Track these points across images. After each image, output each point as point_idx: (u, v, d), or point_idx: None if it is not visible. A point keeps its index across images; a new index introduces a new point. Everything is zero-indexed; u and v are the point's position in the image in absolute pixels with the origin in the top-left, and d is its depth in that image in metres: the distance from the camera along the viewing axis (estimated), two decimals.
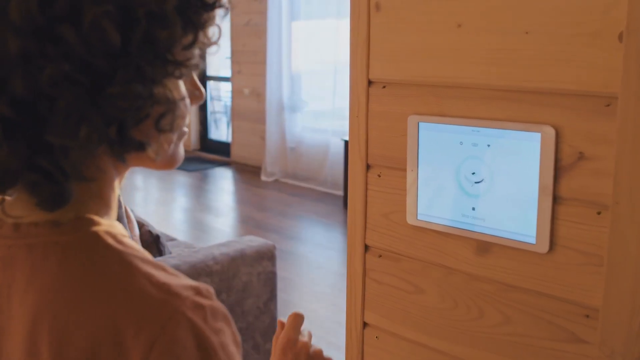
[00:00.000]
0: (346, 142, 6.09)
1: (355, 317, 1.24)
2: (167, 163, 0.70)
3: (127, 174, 0.72)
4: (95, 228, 0.63)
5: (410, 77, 1.08)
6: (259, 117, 7.56)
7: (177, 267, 2.87)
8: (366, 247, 1.21)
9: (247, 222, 5.72)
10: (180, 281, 0.61)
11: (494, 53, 0.98)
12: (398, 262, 1.16)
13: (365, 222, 1.20)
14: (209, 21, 0.64)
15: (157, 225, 5.48)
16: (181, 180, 7.36)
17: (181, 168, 7.81)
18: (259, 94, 7.56)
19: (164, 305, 0.58)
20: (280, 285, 3.91)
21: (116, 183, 0.69)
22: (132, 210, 3.28)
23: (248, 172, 7.61)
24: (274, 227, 5.54)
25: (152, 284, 0.60)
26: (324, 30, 6.94)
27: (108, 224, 0.65)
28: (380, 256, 1.19)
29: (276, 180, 7.21)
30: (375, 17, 1.12)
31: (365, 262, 1.21)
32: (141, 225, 3.20)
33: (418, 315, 1.15)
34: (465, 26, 1.01)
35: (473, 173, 1.02)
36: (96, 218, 0.65)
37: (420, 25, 1.06)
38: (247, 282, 3.13)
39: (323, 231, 5.47)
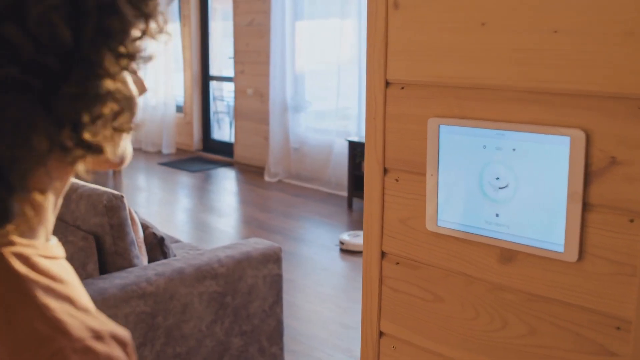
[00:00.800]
0: (350, 143, 6.05)
1: (371, 326, 1.20)
2: (117, 162, 0.64)
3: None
4: (4, 248, 0.56)
5: (431, 78, 1.04)
6: (262, 118, 7.53)
7: (182, 270, 2.83)
8: (383, 254, 1.17)
9: (251, 223, 5.68)
10: (85, 321, 0.54)
11: (520, 53, 0.94)
12: (416, 270, 1.12)
13: (382, 228, 1.15)
14: (157, 9, 0.60)
15: (160, 226, 5.45)
16: (184, 180, 7.32)
17: (184, 168, 7.78)
18: (262, 94, 7.52)
19: (47, 343, 0.52)
20: (284, 286, 3.86)
21: (51, 193, 0.61)
22: (136, 213, 3.24)
23: (251, 173, 7.57)
24: (278, 228, 5.50)
25: (43, 317, 0.53)
26: (328, 30, 6.90)
27: (25, 244, 0.58)
28: (398, 263, 1.15)
29: (279, 181, 7.17)
30: (394, 15, 1.08)
31: (382, 269, 1.17)
32: (145, 227, 3.17)
33: (437, 325, 1.11)
34: (490, 24, 0.96)
35: (497, 178, 0.98)
36: (11, 236, 0.57)
37: (442, 23, 1.02)
38: (253, 284, 3.09)
39: (327, 232, 5.43)
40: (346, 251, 4.86)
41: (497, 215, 0.99)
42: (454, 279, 1.08)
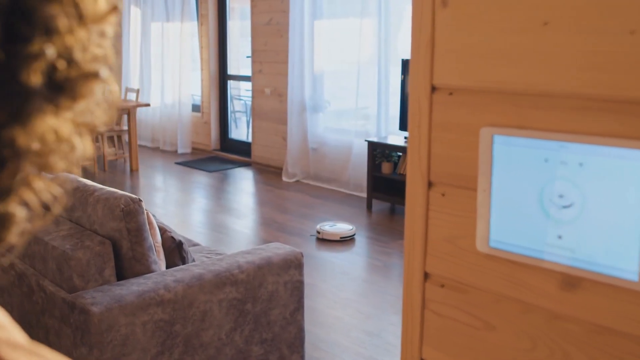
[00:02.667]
0: (369, 143, 5.94)
1: (412, 353, 1.10)
2: None
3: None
4: None
5: (484, 83, 0.94)
6: (281, 117, 7.44)
7: (201, 276, 2.74)
8: (426, 275, 1.07)
9: (269, 225, 5.59)
10: None
11: (589, 56, 0.83)
12: (464, 294, 1.02)
13: (426, 246, 1.05)
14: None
15: (177, 227, 5.37)
16: (201, 180, 7.26)
17: (201, 168, 7.71)
18: (280, 94, 7.43)
19: None
20: (304, 289, 3.77)
21: None
22: (154, 216, 3.16)
23: (269, 173, 7.48)
24: (296, 230, 5.41)
25: None
26: (347, 29, 6.80)
27: None
28: (443, 286, 1.05)
29: (297, 182, 7.08)
30: (441, 13, 0.97)
31: (425, 292, 1.07)
32: (163, 231, 3.08)
33: (487, 356, 1.01)
34: (554, 24, 0.86)
35: (560, 196, 0.88)
36: None
37: (497, 23, 0.92)
38: (274, 291, 2.99)
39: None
40: (322, 240, 5.12)
41: (559, 237, 0.89)
42: (507, 305, 0.97)
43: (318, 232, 5.17)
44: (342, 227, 5.24)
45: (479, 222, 0.97)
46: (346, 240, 5.14)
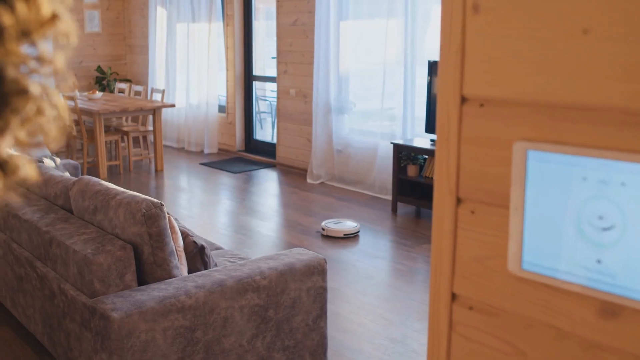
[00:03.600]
0: (395, 145, 5.87)
1: None
2: None
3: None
4: None
5: (517, 95, 0.88)
6: (306, 119, 7.40)
7: (222, 282, 2.71)
8: (453, 296, 1.01)
9: (293, 227, 5.55)
10: None
11: (633, 67, 0.77)
12: (494, 318, 0.96)
13: (454, 266, 1.00)
14: None
15: (201, 229, 5.36)
16: (226, 181, 7.24)
17: (226, 169, 7.70)
18: (305, 95, 7.39)
19: None
20: (327, 296, 3.72)
21: None
22: (176, 220, 3.13)
23: (293, 174, 7.45)
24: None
25: None
26: (373, 30, 6.74)
27: None
28: (472, 308, 0.99)
29: (322, 183, 7.04)
30: (473, 20, 0.92)
31: (452, 314, 1.01)
32: (185, 235, 3.05)
33: None
34: (594, 32, 0.80)
35: (600, 217, 0.82)
36: None
37: (532, 30, 0.86)
38: (296, 298, 2.95)
39: (371, 238, 5.27)
40: (327, 237, 5.24)
41: (598, 261, 0.83)
42: (540, 331, 0.91)
43: (323, 229, 5.28)
44: (346, 225, 5.32)
45: (511, 242, 0.91)
46: (350, 237, 5.23)
